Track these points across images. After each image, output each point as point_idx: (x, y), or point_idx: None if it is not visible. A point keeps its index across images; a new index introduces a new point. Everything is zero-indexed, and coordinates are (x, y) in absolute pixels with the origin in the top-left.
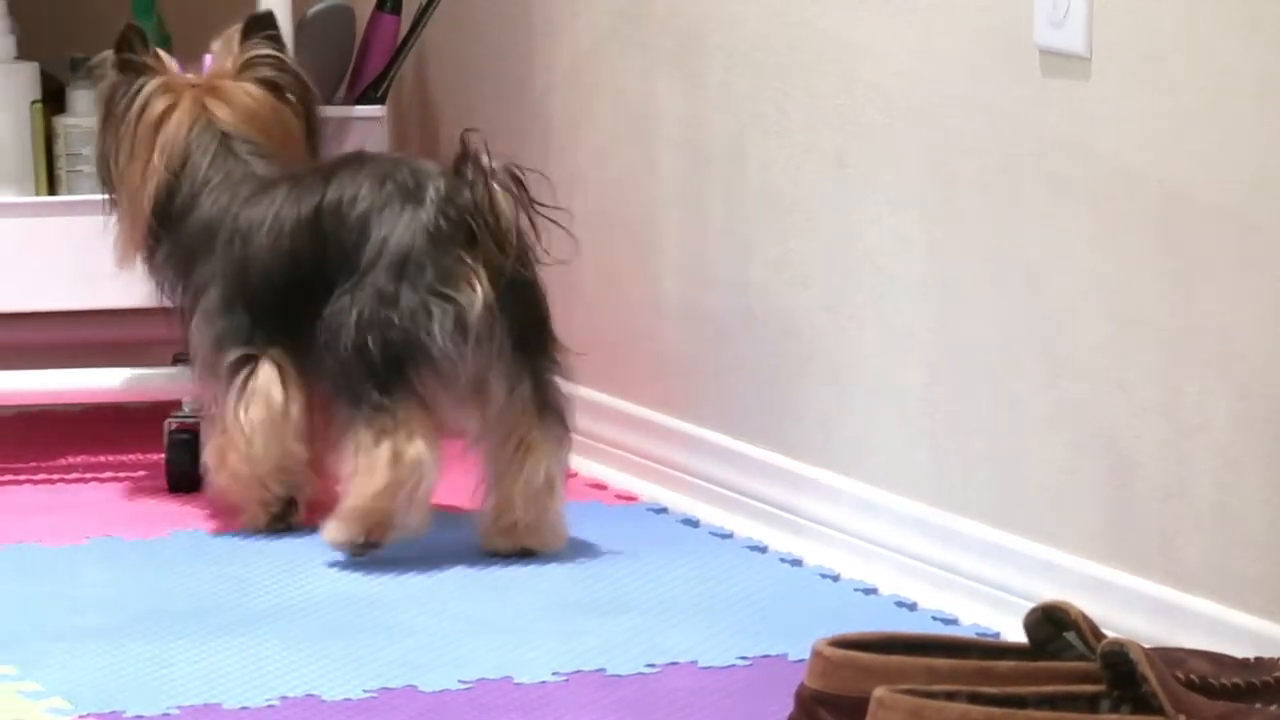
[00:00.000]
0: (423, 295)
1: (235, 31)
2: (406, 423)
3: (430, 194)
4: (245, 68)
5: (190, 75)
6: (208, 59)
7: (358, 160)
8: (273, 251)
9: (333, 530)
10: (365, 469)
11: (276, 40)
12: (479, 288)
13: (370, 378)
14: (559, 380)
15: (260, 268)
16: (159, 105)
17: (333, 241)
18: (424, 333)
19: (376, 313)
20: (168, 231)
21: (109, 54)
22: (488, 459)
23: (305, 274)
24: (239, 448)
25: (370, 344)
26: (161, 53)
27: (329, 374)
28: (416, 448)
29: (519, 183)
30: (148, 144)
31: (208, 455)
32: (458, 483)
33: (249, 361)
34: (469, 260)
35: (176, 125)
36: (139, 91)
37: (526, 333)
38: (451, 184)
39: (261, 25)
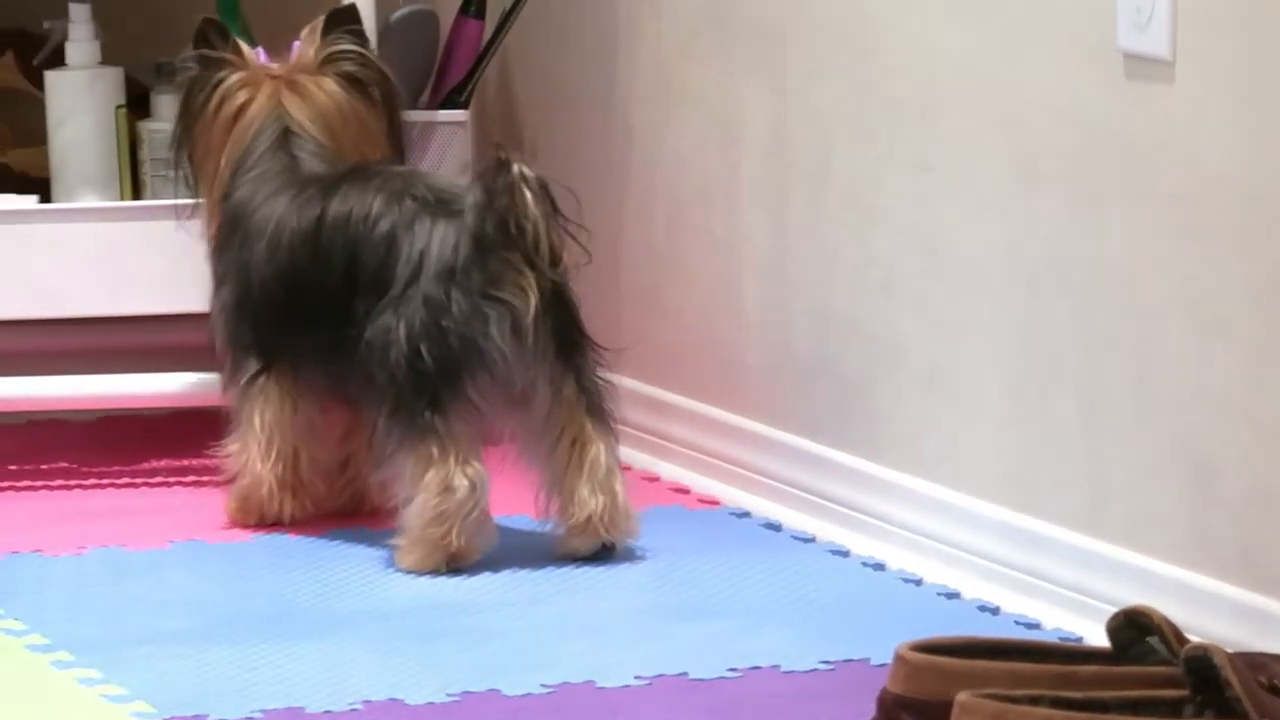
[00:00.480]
0: (475, 300)
1: (320, 23)
2: (454, 445)
3: (469, 201)
4: (326, 62)
5: (272, 65)
6: (295, 45)
7: (361, 174)
8: (270, 261)
9: (401, 558)
10: (416, 498)
11: (359, 35)
12: (530, 291)
13: (422, 391)
14: (601, 377)
15: (260, 277)
16: (237, 99)
17: (342, 257)
18: (481, 336)
19: (429, 323)
20: (215, 216)
21: (190, 49)
22: (543, 463)
23: (305, 288)
24: (256, 448)
25: (424, 354)
26: (243, 45)
27: (372, 393)
28: (465, 474)
29: (546, 191)
30: (224, 136)
31: (229, 458)
32: (518, 487)
33: (261, 370)
34: (516, 263)
35: (250, 119)
36: (218, 84)
37: (564, 334)
38: (489, 190)
39: (342, 20)
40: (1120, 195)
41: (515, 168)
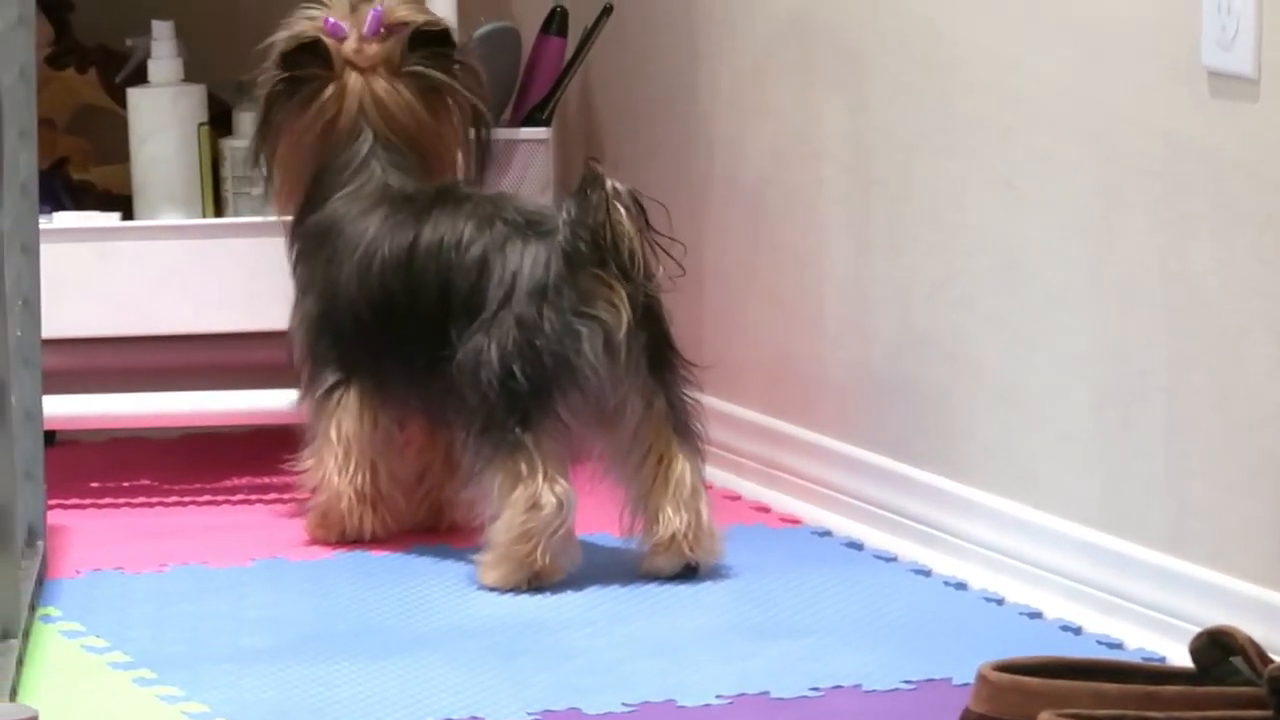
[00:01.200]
0: (567, 317)
1: (404, 7)
2: (542, 462)
3: (561, 217)
4: (410, 74)
5: (349, 44)
6: (374, 13)
7: (452, 198)
8: (361, 284)
9: (485, 574)
10: (502, 515)
11: (447, 58)
12: (622, 307)
13: (513, 409)
14: (690, 394)
15: (348, 296)
16: (321, 99)
17: (435, 284)
18: (574, 353)
19: (521, 341)
20: (299, 225)
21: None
22: (629, 480)
23: (395, 312)
24: (334, 461)
25: (517, 373)
26: (318, 17)
27: (463, 412)
28: (552, 492)
29: (638, 205)
30: (309, 140)
31: (305, 473)
32: (603, 506)
33: (339, 386)
34: (608, 279)
35: (334, 118)
36: (304, 83)
37: (655, 350)
38: (580, 207)
39: (429, 41)
40: (1204, 213)
41: (607, 182)
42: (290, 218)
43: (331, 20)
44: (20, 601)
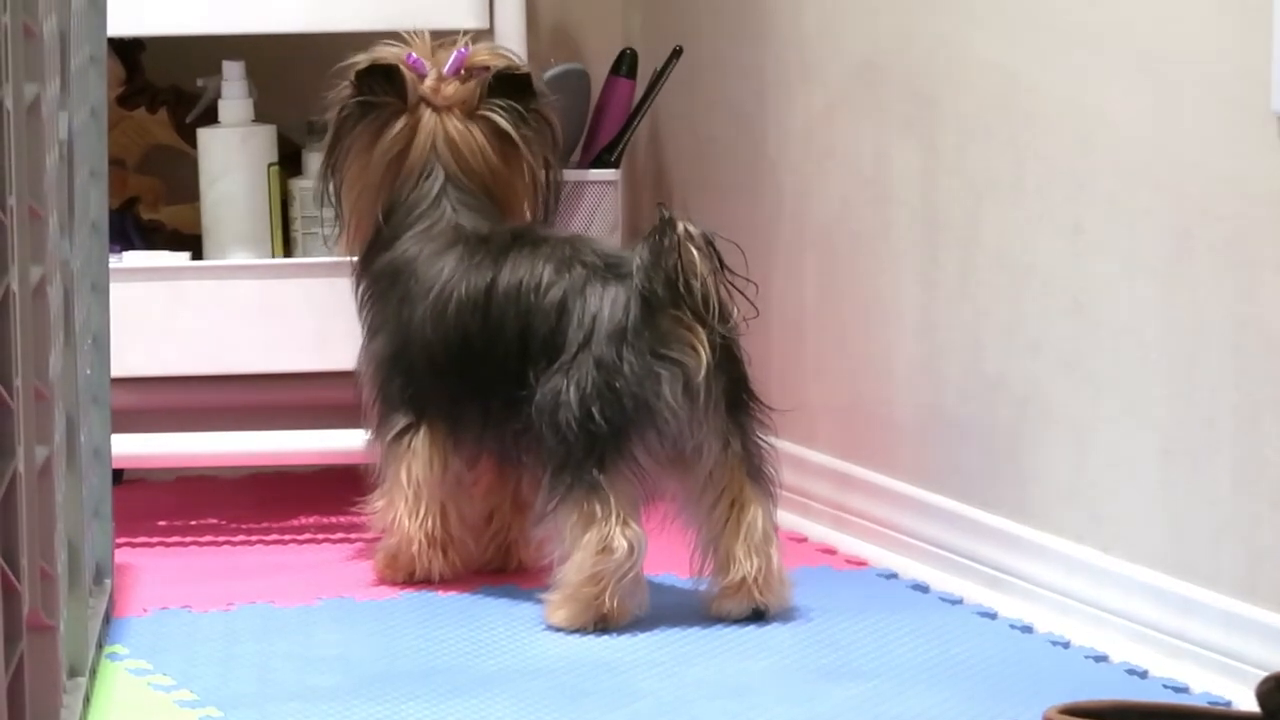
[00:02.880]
0: (647, 360)
1: (486, 51)
2: (616, 506)
3: (636, 262)
4: (485, 117)
5: (429, 82)
6: (458, 55)
7: (529, 240)
8: (436, 326)
9: (552, 614)
10: (574, 555)
11: (525, 104)
12: (701, 349)
13: (591, 451)
14: (765, 438)
15: (421, 338)
16: (393, 130)
17: (514, 327)
18: (653, 396)
19: (600, 383)
20: (367, 264)
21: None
22: (701, 522)
23: (472, 354)
24: (404, 504)
25: (596, 415)
26: (399, 53)
27: (541, 454)
28: (624, 535)
29: (712, 247)
30: (381, 174)
31: (376, 515)
32: (673, 547)
33: (410, 429)
34: (686, 321)
35: (404, 152)
36: (375, 115)
37: (733, 392)
38: (653, 251)
39: (509, 86)
40: (1273, 257)
41: (679, 225)
42: (356, 257)
43: (414, 56)
44: (88, 639)
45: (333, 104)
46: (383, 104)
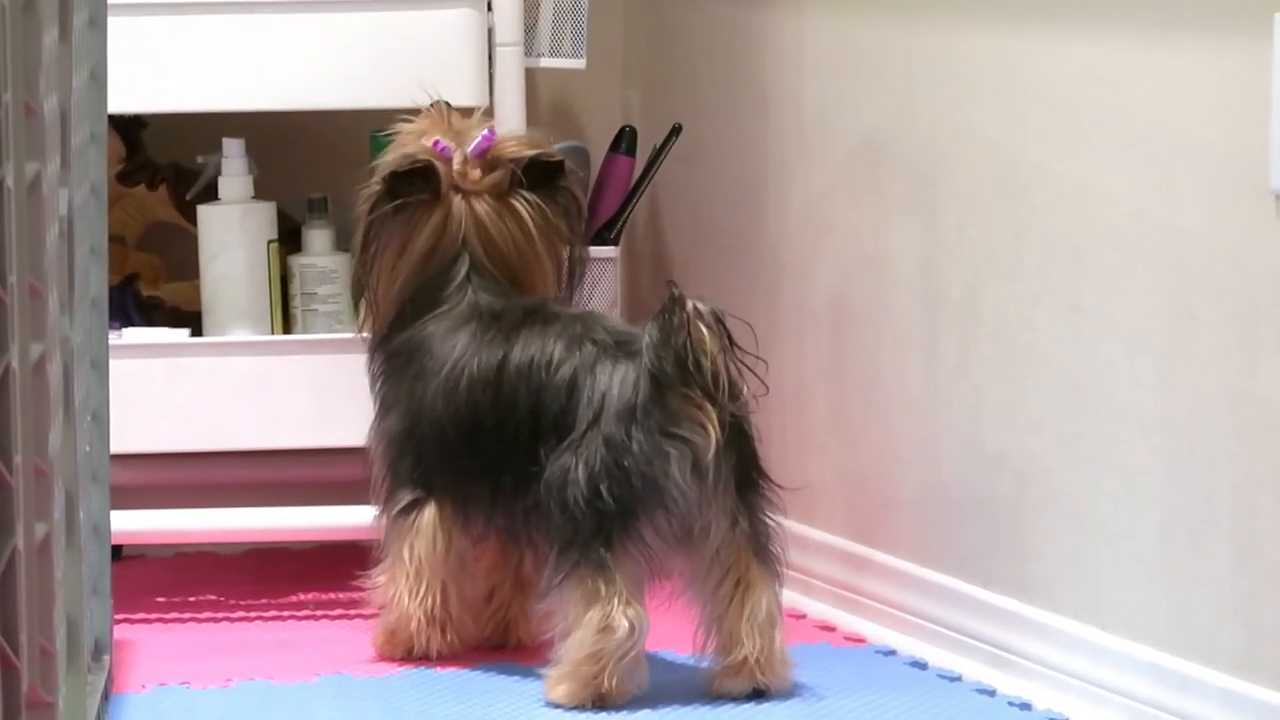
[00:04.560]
0: (656, 439)
1: (514, 141)
2: (620, 584)
3: (645, 340)
4: (518, 200)
5: (455, 164)
6: (487, 136)
7: (541, 317)
8: (447, 403)
9: (551, 689)
10: (575, 633)
11: (554, 189)
12: (711, 428)
13: (599, 530)
14: (772, 516)
15: (433, 414)
16: (428, 225)
17: (525, 404)
18: (662, 475)
19: (609, 462)
20: (385, 342)
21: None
22: (706, 600)
23: (483, 431)
24: (405, 580)
25: (604, 493)
26: (438, 101)
27: (547, 531)
28: (625, 615)
29: (722, 325)
30: (410, 259)
31: (377, 590)
32: (673, 625)
33: (416, 505)
34: (695, 399)
35: (439, 243)
36: (409, 211)
37: (742, 470)
38: (662, 330)
39: (541, 172)
40: (1273, 336)
41: (689, 303)
42: (371, 335)
43: (441, 144)
44: (87, 716)
45: (363, 200)
46: (415, 201)
